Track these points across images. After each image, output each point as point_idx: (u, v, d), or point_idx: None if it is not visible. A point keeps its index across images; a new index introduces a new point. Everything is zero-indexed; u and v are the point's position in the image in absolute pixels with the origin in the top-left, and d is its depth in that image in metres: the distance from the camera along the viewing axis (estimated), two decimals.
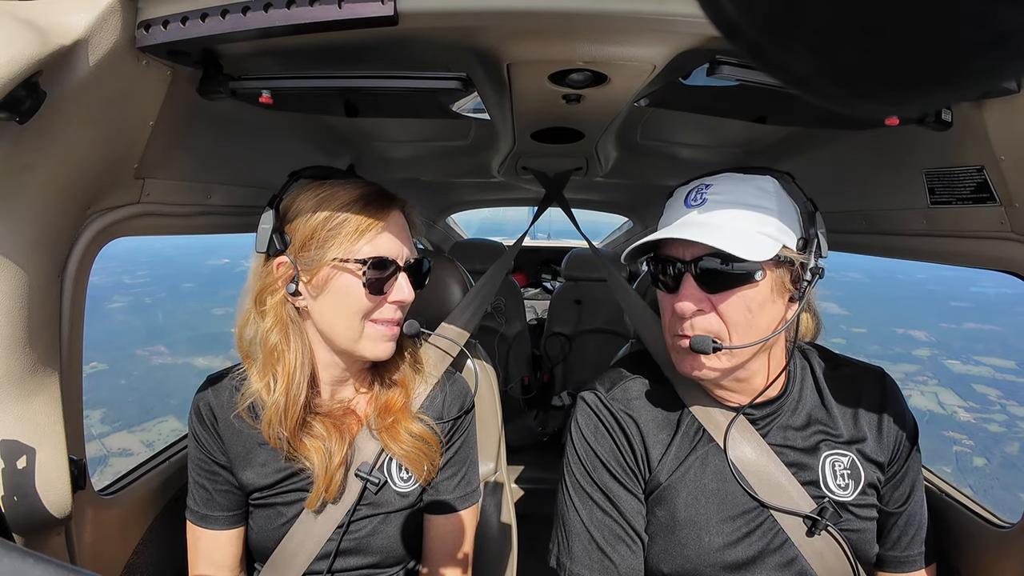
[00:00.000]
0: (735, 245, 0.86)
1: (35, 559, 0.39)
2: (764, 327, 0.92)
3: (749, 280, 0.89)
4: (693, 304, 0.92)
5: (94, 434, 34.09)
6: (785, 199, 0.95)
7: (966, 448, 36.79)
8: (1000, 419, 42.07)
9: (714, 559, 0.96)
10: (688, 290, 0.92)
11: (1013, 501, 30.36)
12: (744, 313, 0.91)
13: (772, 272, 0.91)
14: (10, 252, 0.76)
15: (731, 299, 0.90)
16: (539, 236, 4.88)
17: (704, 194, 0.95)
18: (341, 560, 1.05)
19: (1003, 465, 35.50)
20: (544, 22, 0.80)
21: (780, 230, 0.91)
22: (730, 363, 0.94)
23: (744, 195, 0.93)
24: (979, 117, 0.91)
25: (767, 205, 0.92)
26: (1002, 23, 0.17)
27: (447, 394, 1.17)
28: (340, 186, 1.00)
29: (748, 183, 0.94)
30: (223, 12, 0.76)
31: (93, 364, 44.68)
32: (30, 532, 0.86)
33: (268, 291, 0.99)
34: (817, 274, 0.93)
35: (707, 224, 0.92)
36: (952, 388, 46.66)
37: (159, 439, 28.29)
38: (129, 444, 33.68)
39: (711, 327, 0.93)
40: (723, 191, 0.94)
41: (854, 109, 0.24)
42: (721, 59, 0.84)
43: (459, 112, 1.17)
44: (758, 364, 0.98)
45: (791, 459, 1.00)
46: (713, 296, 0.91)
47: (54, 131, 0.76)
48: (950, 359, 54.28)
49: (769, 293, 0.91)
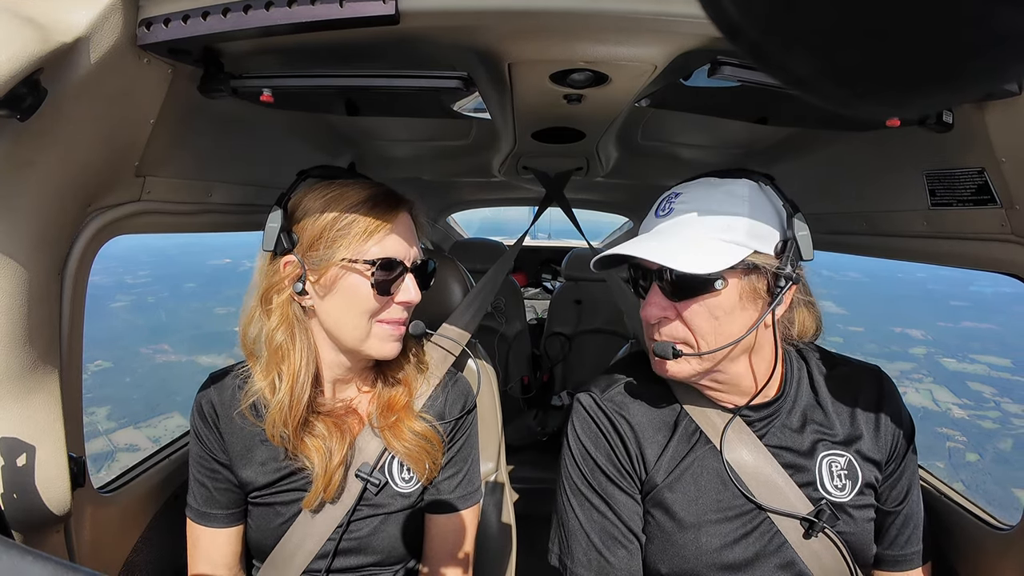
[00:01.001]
0: (686, 259, 0.87)
1: (34, 557, 0.39)
2: (734, 333, 0.92)
3: (709, 289, 0.90)
4: (658, 311, 0.95)
5: (100, 430, 34.54)
6: (762, 202, 0.94)
7: (959, 444, 37.19)
8: (994, 416, 42.42)
9: (711, 560, 0.96)
10: (654, 297, 0.95)
11: (1005, 496, 30.68)
12: (708, 320, 0.92)
13: (740, 279, 0.91)
14: (10, 249, 0.76)
15: (693, 307, 0.92)
16: (539, 236, 4.88)
17: (672, 203, 0.97)
18: (341, 559, 1.06)
19: (996, 461, 35.86)
20: (545, 22, 0.80)
21: (751, 235, 0.91)
22: (699, 367, 0.95)
23: (712, 202, 0.93)
24: (980, 119, 0.90)
25: (737, 211, 0.92)
26: (1002, 25, 0.17)
27: (449, 394, 1.17)
28: (349, 186, 1.00)
29: (719, 189, 0.95)
30: (224, 10, 0.76)
31: (98, 362, 45.40)
32: (29, 530, 0.86)
33: (275, 290, 0.99)
34: (791, 280, 0.91)
35: (667, 236, 0.94)
36: (947, 385, 46.97)
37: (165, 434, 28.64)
38: (135, 440, 34.02)
39: (676, 333, 0.95)
40: (691, 199, 0.95)
41: (855, 110, 0.24)
42: (722, 60, 0.84)
43: (460, 111, 1.17)
44: (739, 368, 0.98)
45: (788, 460, 1.00)
46: (677, 304, 0.93)
47: (55, 129, 0.76)
48: (946, 357, 54.54)
49: (737, 300, 0.91)
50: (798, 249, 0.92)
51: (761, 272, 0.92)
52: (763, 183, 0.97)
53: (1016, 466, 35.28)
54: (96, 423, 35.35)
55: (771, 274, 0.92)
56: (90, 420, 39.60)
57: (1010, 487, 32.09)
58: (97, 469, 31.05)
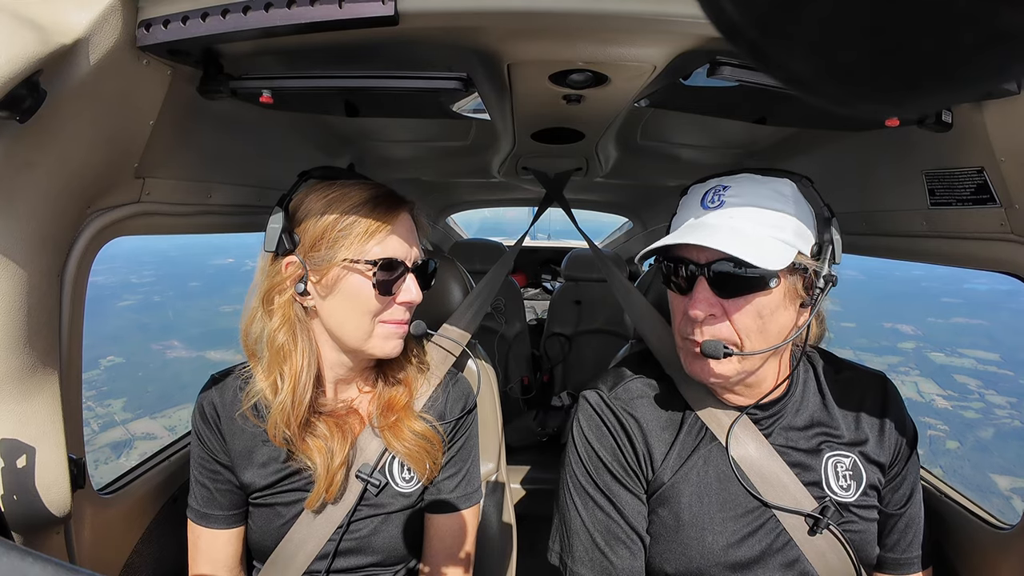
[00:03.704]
0: (751, 252, 0.85)
1: (34, 558, 0.39)
2: (775, 333, 0.92)
3: (763, 287, 0.88)
4: (706, 307, 0.91)
5: (117, 420, 35.96)
6: (802, 203, 0.94)
7: (940, 433, 38.18)
8: (977, 407, 43.34)
9: (718, 559, 0.96)
10: (701, 294, 0.91)
11: (981, 479, 32.20)
12: (755, 319, 0.90)
13: (786, 279, 0.90)
14: (10, 251, 0.76)
15: (744, 305, 0.90)
16: (539, 236, 4.88)
17: (722, 196, 0.93)
18: (342, 560, 1.05)
19: (975, 448, 36.85)
20: (544, 22, 0.80)
21: (796, 235, 0.90)
22: (740, 368, 0.94)
23: (762, 198, 0.91)
24: (979, 118, 0.91)
25: (785, 209, 0.91)
26: (1002, 24, 0.17)
27: (449, 394, 1.18)
28: (350, 187, 1.00)
29: (766, 186, 0.93)
30: (224, 12, 0.76)
31: (110, 358, 46.98)
32: (29, 531, 0.86)
33: (276, 290, 0.99)
34: (831, 281, 0.91)
35: (724, 228, 0.90)
36: (933, 378, 47.72)
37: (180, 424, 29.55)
38: (152, 429, 35.07)
39: (722, 332, 0.92)
40: (741, 193, 0.93)
41: (854, 110, 0.24)
42: (721, 60, 0.84)
43: (459, 112, 1.17)
44: (768, 369, 0.98)
45: (794, 459, 1.00)
46: (726, 301, 0.91)
47: (54, 130, 0.76)
48: (934, 351, 55.11)
49: (782, 299, 0.91)
50: (833, 251, 0.92)
51: (801, 273, 0.91)
52: (804, 184, 0.97)
53: (995, 453, 36.42)
54: (113, 414, 36.75)
55: (812, 275, 0.92)
56: (107, 412, 36.23)
57: (987, 472, 33.49)
58: (117, 456, 31.78)
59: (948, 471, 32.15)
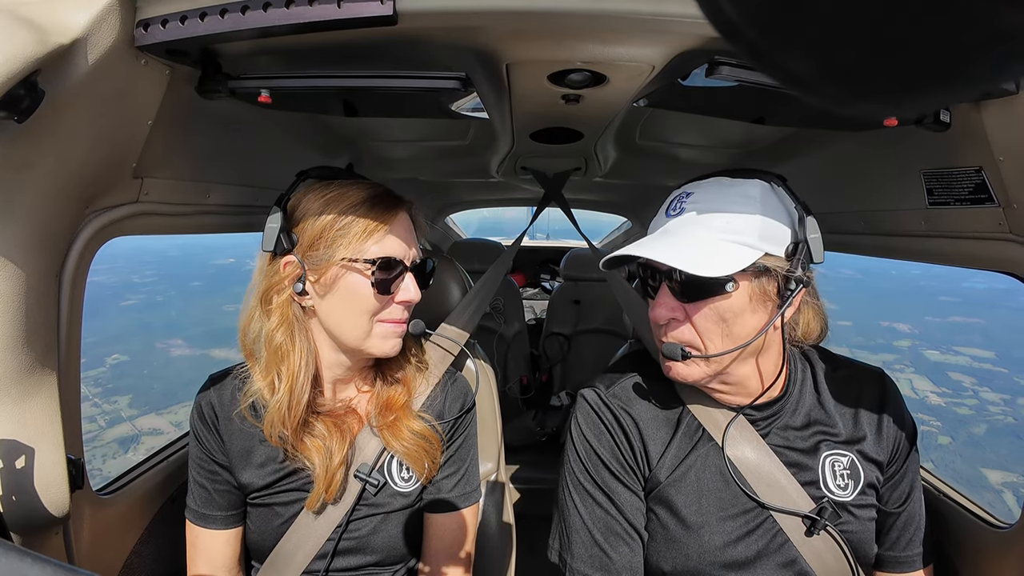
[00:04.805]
0: (698, 262, 0.86)
1: (33, 559, 0.39)
2: (743, 336, 0.92)
3: (720, 291, 0.89)
4: (667, 312, 0.94)
5: (124, 416, 36.42)
6: (774, 204, 0.94)
7: (933, 428, 38.52)
8: (971, 403, 43.70)
9: (714, 558, 0.96)
10: (662, 298, 0.95)
11: (972, 473, 32.80)
12: (717, 323, 0.91)
13: (751, 282, 0.90)
14: (8, 251, 0.76)
15: (703, 309, 0.91)
16: (538, 236, 4.88)
17: (684, 203, 0.95)
18: (341, 559, 1.05)
19: (967, 444, 37.31)
20: (543, 22, 0.80)
21: (763, 238, 0.90)
22: (707, 369, 0.95)
23: (726, 203, 0.92)
24: (978, 118, 0.91)
25: (749, 212, 0.91)
26: (1001, 24, 0.17)
27: (448, 393, 1.18)
28: (348, 187, 1.00)
29: (733, 189, 0.94)
30: (222, 11, 0.76)
31: (115, 356, 47.52)
32: (28, 532, 0.86)
33: (275, 290, 0.99)
34: (801, 282, 0.91)
35: (677, 237, 0.93)
36: (927, 375, 47.93)
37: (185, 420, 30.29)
38: (158, 424, 35.42)
39: (683, 335, 0.94)
40: (703, 199, 0.94)
41: (853, 109, 0.24)
42: (720, 60, 0.84)
43: (458, 112, 1.17)
44: (746, 370, 0.98)
45: (791, 459, 1.00)
46: (687, 305, 0.93)
47: (52, 130, 0.76)
48: (929, 349, 55.35)
49: (747, 303, 0.91)
50: (809, 252, 0.91)
51: (772, 275, 0.91)
52: (775, 184, 0.96)
53: (988, 449, 36.94)
54: (119, 410, 37.17)
55: (782, 277, 0.91)
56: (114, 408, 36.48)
57: (978, 466, 34.06)
58: (124, 451, 32.13)
59: (939, 465, 32.65)
